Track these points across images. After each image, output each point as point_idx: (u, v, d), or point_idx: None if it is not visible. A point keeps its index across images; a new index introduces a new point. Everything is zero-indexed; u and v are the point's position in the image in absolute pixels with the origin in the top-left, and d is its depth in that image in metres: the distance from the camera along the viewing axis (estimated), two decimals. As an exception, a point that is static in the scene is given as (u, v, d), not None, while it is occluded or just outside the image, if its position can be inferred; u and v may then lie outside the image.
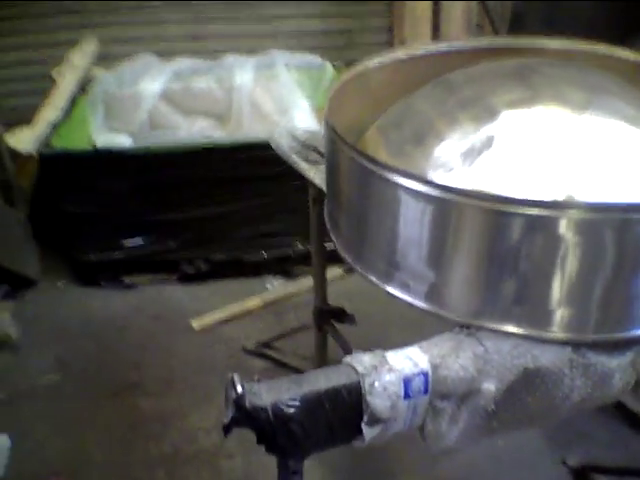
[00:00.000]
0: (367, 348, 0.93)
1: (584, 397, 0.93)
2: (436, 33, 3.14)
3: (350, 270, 1.72)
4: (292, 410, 0.85)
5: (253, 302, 2.32)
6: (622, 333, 0.94)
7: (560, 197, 0.96)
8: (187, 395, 1.96)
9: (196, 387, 1.99)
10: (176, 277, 2.49)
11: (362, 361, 0.90)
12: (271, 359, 2.06)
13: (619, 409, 1.76)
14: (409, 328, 2.01)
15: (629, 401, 1.74)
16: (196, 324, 2.24)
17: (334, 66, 2.87)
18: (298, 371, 1.95)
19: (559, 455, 1.67)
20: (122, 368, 2.09)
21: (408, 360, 0.91)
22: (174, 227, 2.41)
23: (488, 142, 1.03)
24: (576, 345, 0.92)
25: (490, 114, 1.06)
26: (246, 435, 0.87)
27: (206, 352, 2.13)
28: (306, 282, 2.37)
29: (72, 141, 2.52)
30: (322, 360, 1.79)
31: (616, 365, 0.93)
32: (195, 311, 2.31)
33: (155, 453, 1.77)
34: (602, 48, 1.38)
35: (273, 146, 1.58)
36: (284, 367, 2.01)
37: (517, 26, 2.32)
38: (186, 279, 2.48)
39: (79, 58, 2.77)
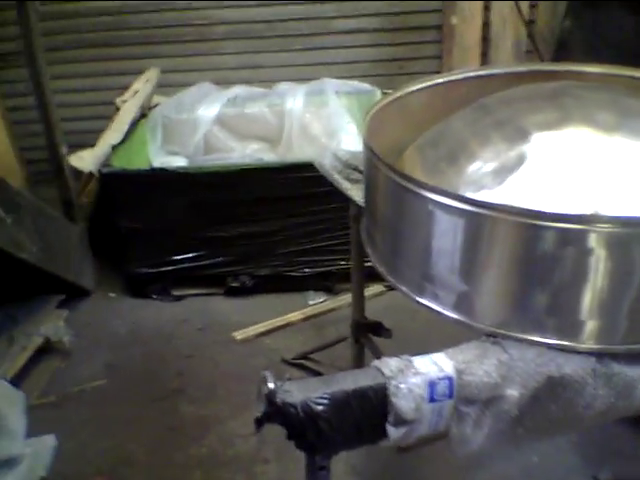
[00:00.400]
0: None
1: (607, 407, 0.94)
2: (485, 60, 3.18)
3: (390, 287, 1.76)
4: (320, 407, 0.90)
5: (294, 316, 2.38)
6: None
7: (591, 211, 0.99)
8: (227, 402, 2.03)
9: (236, 395, 2.05)
10: (222, 291, 2.57)
11: (389, 364, 0.94)
12: (309, 370, 2.10)
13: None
14: (446, 343, 2.03)
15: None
16: (239, 336, 2.31)
17: (384, 93, 2.93)
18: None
19: (591, 471, 1.65)
20: (167, 375, 2.17)
21: (434, 365, 0.94)
22: (222, 243, 2.51)
23: (519, 161, 1.07)
24: (600, 355, 0.94)
25: (522, 135, 1.10)
26: (281, 442, 0.92)
27: (247, 362, 2.20)
28: (347, 298, 2.42)
29: (131, 162, 2.67)
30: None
31: (639, 375, 0.94)
32: (239, 323, 2.39)
33: (194, 456, 1.84)
34: (638, 72, 1.40)
35: (317, 166, 1.64)
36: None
37: (563, 53, 2.34)
38: (231, 293, 2.56)
39: (141, 85, 2.94)
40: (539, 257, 0.94)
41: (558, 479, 1.66)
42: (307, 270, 2.52)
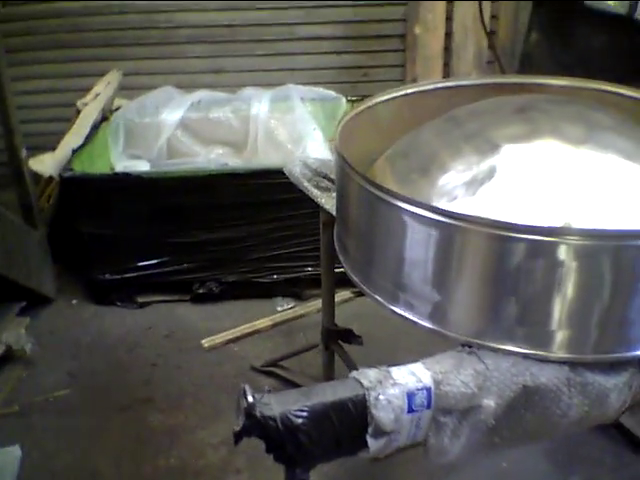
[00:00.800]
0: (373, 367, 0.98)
1: (582, 415, 0.97)
2: (447, 70, 3.23)
3: (359, 293, 1.76)
4: (300, 420, 0.90)
5: (263, 322, 2.37)
6: (619, 354, 0.99)
7: (558, 224, 1.02)
8: (196, 411, 2.01)
9: (205, 404, 2.03)
10: (188, 298, 2.55)
11: (368, 375, 0.95)
12: (279, 377, 2.10)
13: (622, 433, 1.79)
14: (415, 350, 2.04)
15: (632, 425, 1.77)
16: (206, 343, 2.29)
17: (348, 100, 2.96)
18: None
19: (561, 477, 1.69)
20: (133, 384, 2.14)
21: (412, 375, 0.96)
22: (188, 249, 2.48)
23: (490, 173, 1.09)
24: (573, 364, 0.97)
25: (492, 147, 1.13)
26: (253, 451, 0.92)
27: (215, 370, 2.18)
28: (315, 304, 2.43)
29: (92, 166, 2.62)
30: (329, 379, 1.83)
31: (612, 385, 0.97)
32: (206, 331, 2.36)
33: (162, 467, 1.81)
34: (604, 85, 1.45)
35: (286, 173, 1.65)
36: (291, 385, 2.05)
37: (528, 66, 2.39)
38: (198, 300, 2.53)
39: (103, 88, 2.89)
40: (511, 268, 0.96)
41: (528, 485, 1.70)
42: (275, 276, 2.52)
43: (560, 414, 0.98)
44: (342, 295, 2.37)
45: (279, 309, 2.48)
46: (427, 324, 1.08)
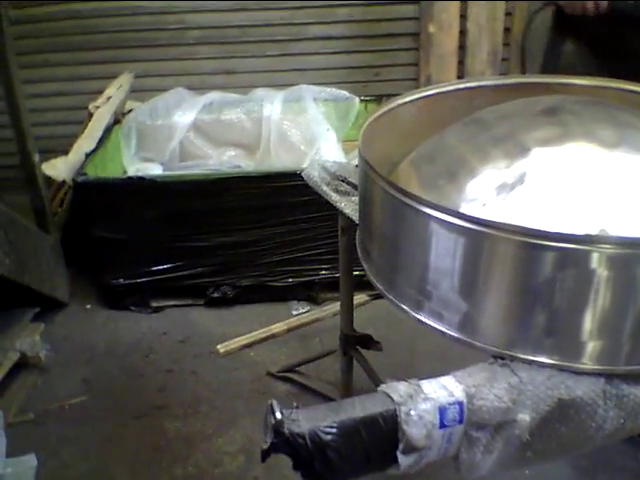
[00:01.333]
0: (393, 374, 0.95)
1: (617, 428, 0.94)
2: (461, 68, 3.19)
3: (375, 296, 1.72)
4: (329, 437, 0.87)
5: (278, 327, 2.35)
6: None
7: (593, 232, 0.99)
8: (212, 418, 1.98)
9: (221, 410, 2.01)
10: (202, 302, 2.53)
11: (398, 390, 0.92)
12: (295, 383, 2.07)
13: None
14: (434, 355, 2.05)
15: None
16: (221, 348, 2.27)
17: (361, 100, 2.93)
18: (322, 395, 1.97)
19: (585, 484, 1.67)
20: (148, 391, 2.12)
21: (443, 389, 0.93)
22: (202, 253, 2.46)
23: (520, 178, 1.06)
24: (610, 376, 0.94)
25: (522, 151, 1.09)
26: (271, 459, 0.89)
27: (231, 376, 2.16)
28: (330, 308, 2.40)
29: (105, 170, 2.60)
30: (347, 385, 1.81)
31: (649, 397, 0.94)
32: (221, 335, 2.34)
33: (180, 476, 1.79)
34: (627, 85, 1.42)
35: (305, 177, 1.62)
36: (308, 391, 2.02)
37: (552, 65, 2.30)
38: (213, 304, 2.51)
39: (115, 91, 2.87)
40: (543, 277, 0.93)
41: (552, 493, 1.67)
42: (290, 280, 2.49)
43: (595, 427, 0.94)
44: (358, 298, 2.34)
45: (294, 313, 2.45)
46: (455, 334, 1.05)
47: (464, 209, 1.08)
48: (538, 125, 1.16)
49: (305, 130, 2.80)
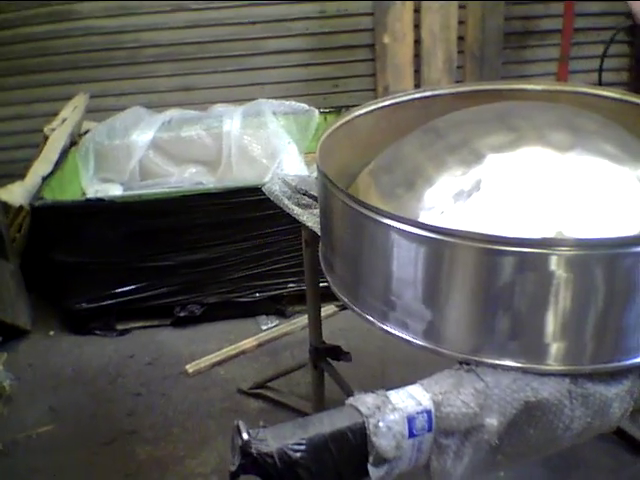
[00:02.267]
0: (364, 384, 0.95)
1: (585, 427, 0.95)
2: (418, 77, 3.23)
3: (343, 307, 1.74)
4: (298, 455, 0.86)
5: (248, 343, 2.33)
6: (618, 362, 0.97)
7: (550, 235, 1.00)
8: (184, 440, 1.95)
9: (193, 431, 1.98)
10: (169, 322, 2.49)
11: (365, 402, 0.91)
12: (268, 399, 2.05)
13: (619, 435, 1.78)
14: (405, 363, 2.05)
15: (629, 427, 1.76)
16: (190, 368, 2.23)
17: (320, 112, 2.94)
18: (296, 410, 1.96)
19: (560, 483, 1.68)
20: (117, 416, 2.07)
21: (411, 399, 0.93)
22: (166, 272, 2.43)
23: (476, 185, 1.07)
24: (574, 376, 0.95)
25: (477, 158, 1.11)
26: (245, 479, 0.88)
27: (202, 396, 2.13)
28: (299, 321, 2.39)
29: (63, 193, 2.56)
30: (319, 398, 1.80)
31: (614, 394, 0.95)
32: (189, 355, 2.31)
33: (154, 502, 1.76)
34: (581, 87, 1.45)
35: (266, 192, 1.62)
36: (281, 407, 2.01)
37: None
38: (179, 323, 2.48)
39: (70, 112, 2.83)
40: (504, 281, 0.94)
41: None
42: (257, 295, 2.47)
43: (563, 427, 0.95)
44: (327, 310, 2.34)
45: (263, 328, 2.44)
46: (421, 342, 1.05)
47: (423, 218, 1.09)
48: (492, 131, 1.18)
49: (266, 144, 2.80)
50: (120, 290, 2.44)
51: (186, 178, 2.92)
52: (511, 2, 3.22)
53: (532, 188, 1.05)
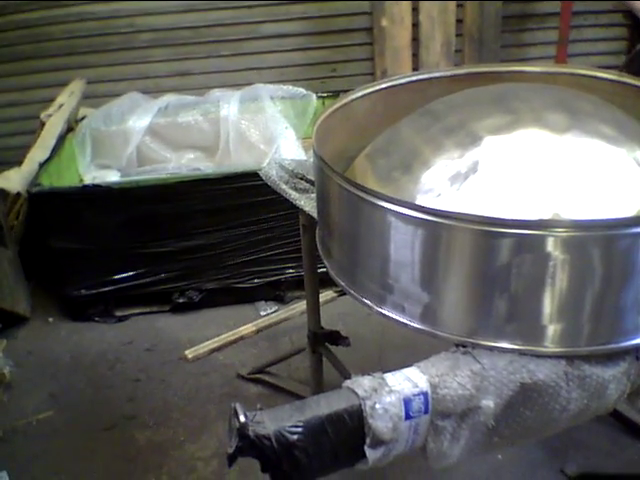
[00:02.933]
0: (363, 369, 0.95)
1: (581, 408, 0.95)
2: (416, 61, 3.21)
3: (342, 293, 1.74)
4: (295, 437, 0.87)
5: (246, 329, 2.33)
6: (614, 344, 0.97)
7: (546, 216, 1.00)
8: (184, 425, 1.96)
9: (192, 416, 1.99)
10: (168, 308, 2.49)
11: (362, 384, 0.92)
12: (267, 384, 2.06)
13: (616, 417, 1.78)
14: (403, 347, 2.04)
15: (627, 410, 1.76)
16: (190, 354, 2.24)
17: (318, 96, 2.92)
18: (294, 395, 1.96)
19: (558, 465, 1.69)
20: (116, 402, 2.08)
21: (407, 381, 0.93)
22: (164, 258, 2.42)
23: (473, 167, 1.06)
24: (570, 358, 0.95)
25: (474, 140, 1.10)
26: (246, 463, 0.88)
27: (201, 381, 2.13)
28: (298, 306, 2.39)
29: (61, 179, 2.55)
30: (318, 383, 1.80)
31: (611, 376, 0.95)
32: (188, 341, 2.31)
33: (154, 486, 1.77)
34: (578, 69, 1.44)
35: (263, 177, 1.61)
36: (280, 392, 2.01)
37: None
38: (178, 309, 2.48)
39: (66, 98, 2.81)
40: (500, 263, 0.93)
41: (526, 475, 1.68)
42: (256, 280, 2.47)
43: (559, 409, 0.95)
44: (325, 295, 2.34)
45: (262, 314, 2.44)
46: (418, 325, 1.05)
47: (420, 200, 1.08)
48: (489, 114, 1.17)
49: (263, 129, 2.78)
50: (118, 277, 2.45)
51: (184, 164, 2.90)
52: (510, -14, 3.19)
53: (529, 170, 1.05)
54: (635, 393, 1.04)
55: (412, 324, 1.05)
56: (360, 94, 1.46)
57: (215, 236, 2.40)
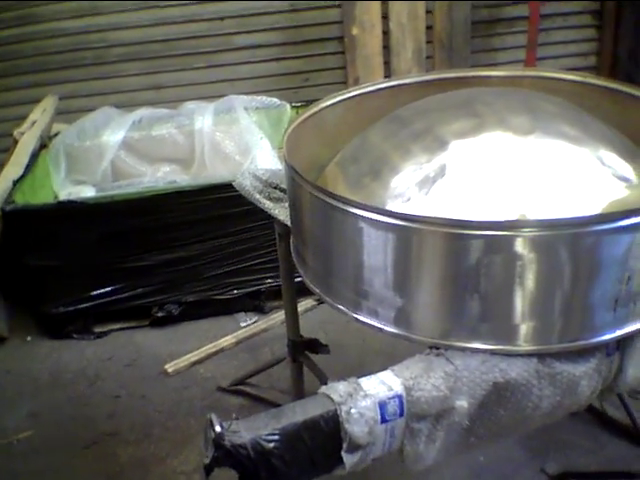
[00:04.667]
0: (344, 375, 0.96)
1: (554, 405, 0.97)
2: (388, 68, 3.24)
3: (321, 301, 1.74)
4: (272, 445, 0.87)
5: (227, 340, 2.32)
6: (584, 341, 0.99)
7: (513, 217, 1.02)
8: (165, 440, 1.94)
9: (174, 431, 1.97)
10: (147, 322, 2.47)
11: (337, 390, 0.92)
12: (248, 396, 2.05)
13: (596, 415, 1.80)
14: (383, 353, 2.07)
15: (606, 408, 1.78)
16: (170, 368, 2.22)
17: (292, 106, 2.94)
18: (276, 405, 1.94)
19: (538, 464, 1.70)
20: (97, 419, 2.06)
21: (382, 385, 0.94)
22: (142, 273, 2.41)
23: (441, 171, 1.08)
24: (542, 356, 0.97)
25: (440, 144, 1.12)
26: (228, 475, 0.88)
27: (182, 395, 2.12)
28: (278, 316, 2.39)
29: (35, 196, 2.52)
30: (299, 392, 1.80)
31: (582, 372, 0.97)
32: (168, 355, 2.29)
33: (137, 502, 1.75)
34: (543, 72, 1.47)
35: (237, 187, 1.61)
36: (261, 402, 2.01)
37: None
38: (158, 323, 2.46)
39: (39, 115, 2.79)
40: (470, 265, 0.95)
41: (507, 476, 1.69)
42: (235, 291, 2.46)
43: (532, 407, 0.97)
44: (305, 304, 2.35)
45: (242, 325, 2.43)
46: (392, 329, 1.06)
47: (390, 206, 1.10)
48: (455, 118, 1.19)
49: (239, 140, 2.78)
50: (96, 292, 2.42)
51: (159, 177, 2.89)
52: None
53: (494, 172, 1.07)
54: (608, 389, 1.06)
55: (387, 328, 1.06)
56: (330, 102, 1.48)
57: (193, 248, 2.40)
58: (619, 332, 0.99)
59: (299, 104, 3.02)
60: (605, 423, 1.81)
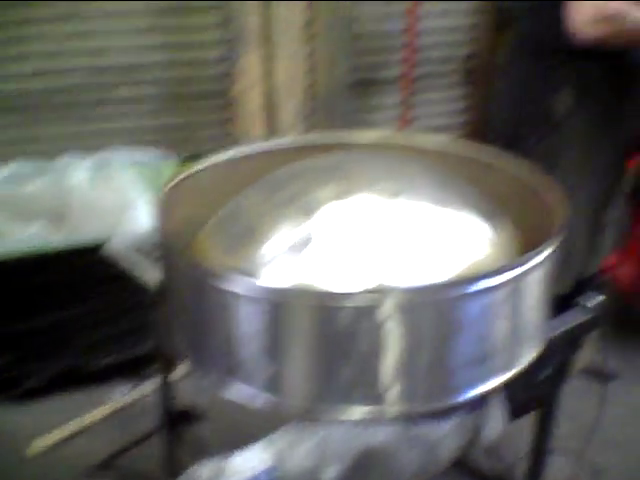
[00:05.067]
0: (225, 439, 0.91)
1: (420, 466, 0.98)
2: (270, 126, 3.29)
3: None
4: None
5: (99, 413, 2.15)
6: (449, 400, 1.00)
7: (378, 283, 1.03)
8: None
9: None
10: (9, 397, 2.25)
11: (201, 473, 0.88)
12: (120, 473, 1.92)
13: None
14: (262, 417, 1.99)
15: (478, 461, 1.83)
16: (33, 449, 2.02)
17: (173, 161, 2.90)
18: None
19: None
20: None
21: (250, 461, 0.91)
22: (3, 342, 2.21)
23: (308, 238, 1.09)
24: (407, 419, 0.98)
25: (309, 210, 1.13)
26: None
27: (46, 479, 1.93)
28: (155, 383, 2.27)
29: None
30: (174, 464, 1.70)
31: (445, 431, 0.99)
32: (33, 433, 2.07)
33: None
34: (413, 136, 1.54)
35: (105, 250, 1.55)
36: (136, 479, 1.88)
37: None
38: (21, 398, 2.25)
39: None
40: (336, 334, 0.96)
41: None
42: (109, 359, 2.32)
43: (399, 469, 0.98)
44: (184, 367, 2.25)
45: (117, 395, 2.28)
46: (262, 400, 1.03)
47: (260, 274, 1.08)
48: (325, 182, 1.21)
49: (116, 197, 2.69)
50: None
51: (28, 237, 2.72)
52: (357, 53, 3.38)
53: (359, 237, 1.09)
54: (471, 443, 1.09)
55: (255, 399, 1.03)
56: (205, 165, 1.47)
57: (62, 314, 2.24)
58: (482, 388, 1.02)
59: (180, 159, 2.98)
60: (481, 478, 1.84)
